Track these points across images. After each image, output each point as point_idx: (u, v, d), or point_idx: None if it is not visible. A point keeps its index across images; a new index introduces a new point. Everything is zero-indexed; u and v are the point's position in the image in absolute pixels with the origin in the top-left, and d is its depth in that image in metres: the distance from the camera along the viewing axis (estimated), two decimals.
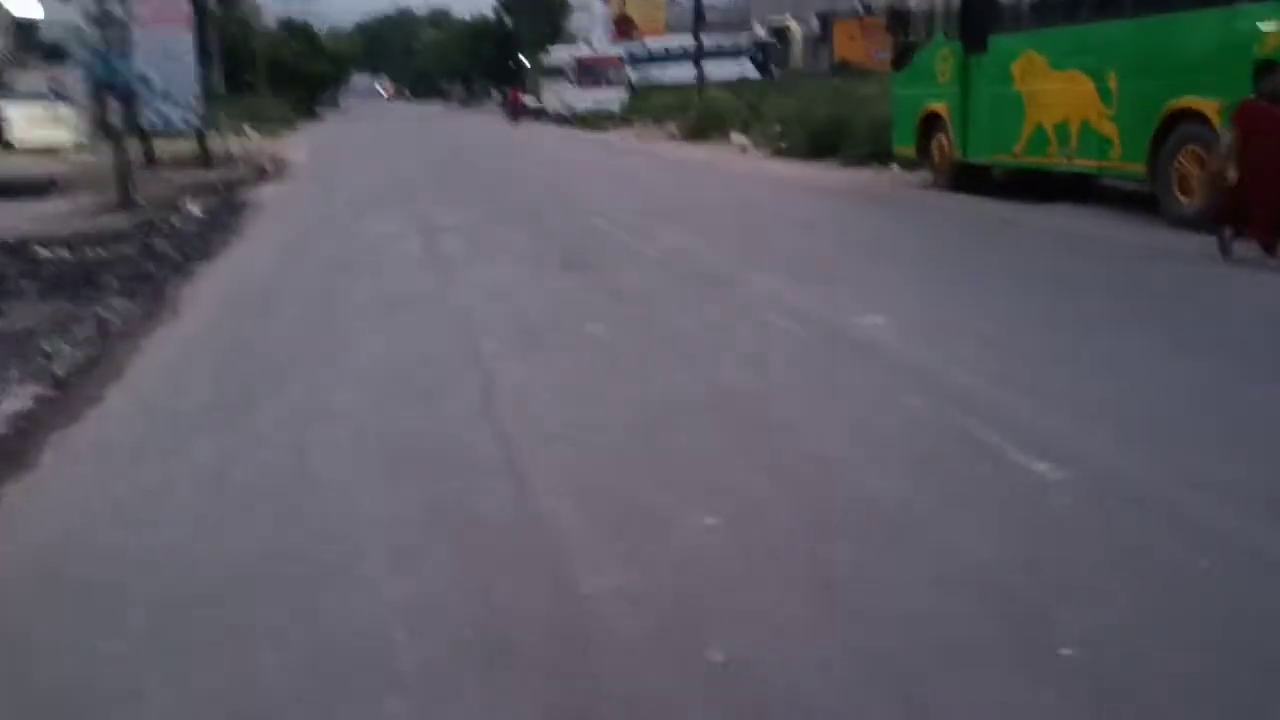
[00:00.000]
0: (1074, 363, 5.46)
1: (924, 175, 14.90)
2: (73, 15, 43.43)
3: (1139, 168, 10.47)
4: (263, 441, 4.70)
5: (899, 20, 15.05)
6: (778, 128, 24.78)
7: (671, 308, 7.20)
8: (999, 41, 12.67)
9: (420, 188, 16.89)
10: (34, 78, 35.27)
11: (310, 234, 12.01)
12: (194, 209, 14.76)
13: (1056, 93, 11.58)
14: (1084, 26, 11.22)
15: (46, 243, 11.59)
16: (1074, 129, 11.37)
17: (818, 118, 20.57)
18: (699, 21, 30.62)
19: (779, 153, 21.30)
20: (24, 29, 43.73)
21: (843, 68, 49.20)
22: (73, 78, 34.29)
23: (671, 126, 32.58)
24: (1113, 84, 10.72)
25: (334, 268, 9.49)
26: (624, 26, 74.25)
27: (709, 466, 4.15)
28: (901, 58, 15.02)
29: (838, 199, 14.09)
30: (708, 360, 5.79)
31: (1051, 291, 7.34)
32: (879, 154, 17.79)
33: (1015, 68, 12.34)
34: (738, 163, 20.17)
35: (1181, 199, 9.92)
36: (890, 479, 3.94)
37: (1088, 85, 11.05)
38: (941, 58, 13.87)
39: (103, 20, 24.77)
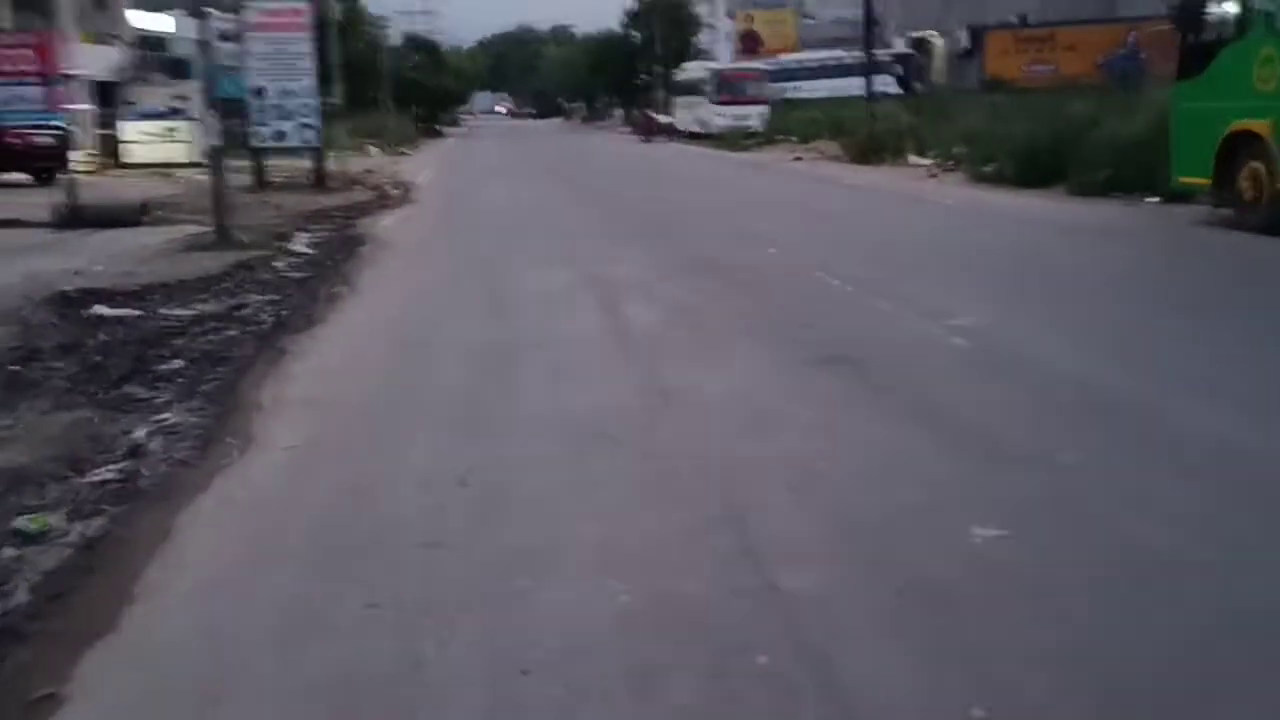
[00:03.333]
0: None
1: (1202, 210, 11.52)
2: (204, 29, 42.56)
3: None
4: None
5: (1192, 13, 11.59)
6: (962, 148, 21.46)
7: (1104, 486, 3.99)
8: None
9: (568, 221, 14.06)
10: (158, 93, 34.05)
11: (443, 289, 9.20)
12: (301, 246, 12.19)
13: None
14: None
15: (112, 294, 9.06)
16: None
17: (1034, 139, 17.06)
18: (870, 31, 27.31)
19: (980, 178, 17.88)
20: (153, 45, 42.95)
21: (994, 84, 45.46)
22: (194, 93, 33.00)
23: (824, 145, 29.38)
24: None
25: (480, 353, 6.59)
26: (750, 43, 71.24)
27: None
28: (1193, 61, 11.54)
29: (1125, 244, 10.73)
30: None
31: None
32: (1119, 182, 14.38)
33: None
34: (937, 191, 16.83)
35: None
36: None
37: None
38: (1264, 60, 10.39)
39: (230, 35, 22.86)
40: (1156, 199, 13.35)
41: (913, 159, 22.57)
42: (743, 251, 10.42)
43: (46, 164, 18.17)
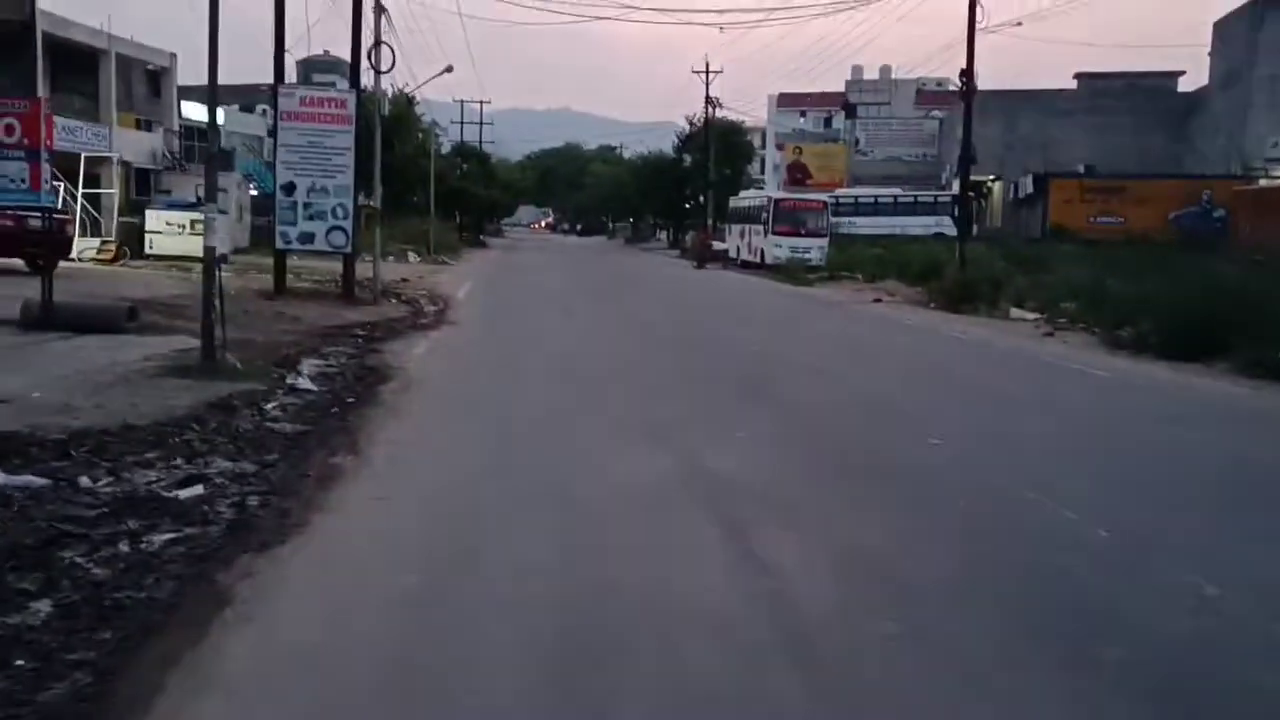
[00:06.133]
0: None
1: None
2: (256, 126, 41.18)
3: None
4: None
5: None
6: (1071, 303, 18.92)
7: None
8: None
9: (640, 368, 11.42)
10: (193, 183, 32.38)
11: (485, 480, 6.42)
12: (306, 379, 9.59)
13: None
14: None
15: (27, 444, 6.43)
16: None
17: (1187, 304, 14.37)
18: (967, 167, 25.05)
19: (1113, 343, 15.15)
20: (199, 135, 41.63)
21: (1058, 232, 43.58)
22: (233, 185, 31.22)
23: (893, 285, 26.95)
24: None
25: (554, 649, 3.82)
26: (796, 174, 69.81)
27: None
28: None
29: None
30: None
31: None
32: None
33: None
34: (1071, 356, 14.07)
35: None
36: None
37: None
38: None
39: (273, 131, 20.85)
40: None
41: (1014, 311, 19.97)
42: (894, 440, 7.67)
43: (41, 250, 15.62)
